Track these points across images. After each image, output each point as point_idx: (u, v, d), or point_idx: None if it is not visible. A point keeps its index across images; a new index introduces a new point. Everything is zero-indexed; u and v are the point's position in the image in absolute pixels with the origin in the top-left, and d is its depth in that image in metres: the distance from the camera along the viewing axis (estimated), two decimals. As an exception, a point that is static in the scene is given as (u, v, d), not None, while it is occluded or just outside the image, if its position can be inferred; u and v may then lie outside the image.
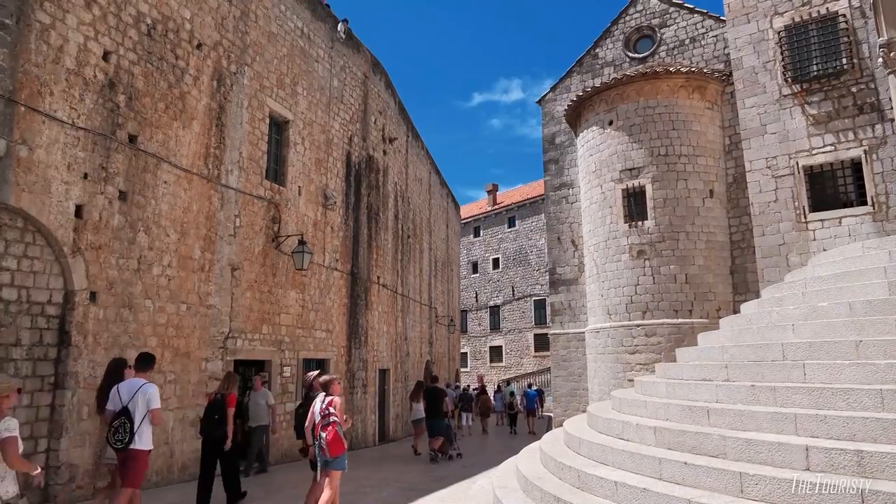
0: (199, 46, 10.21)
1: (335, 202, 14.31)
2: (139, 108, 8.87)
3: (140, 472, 5.93)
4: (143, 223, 8.84)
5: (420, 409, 13.35)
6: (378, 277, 17.05)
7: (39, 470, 4.79)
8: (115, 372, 6.70)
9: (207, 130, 10.32)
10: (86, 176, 7.91)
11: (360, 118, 16.22)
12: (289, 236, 12.15)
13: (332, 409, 6.09)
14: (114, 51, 8.45)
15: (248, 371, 11.65)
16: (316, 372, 8.06)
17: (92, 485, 7.66)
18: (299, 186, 13.00)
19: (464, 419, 20.24)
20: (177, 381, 9.30)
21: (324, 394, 6.35)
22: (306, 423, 6.42)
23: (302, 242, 11.72)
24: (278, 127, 12.65)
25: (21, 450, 4.59)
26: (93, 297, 7.94)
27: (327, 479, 6.12)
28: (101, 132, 8.15)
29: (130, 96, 8.71)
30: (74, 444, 7.52)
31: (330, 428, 6.01)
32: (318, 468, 6.27)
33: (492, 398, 23.59)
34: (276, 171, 12.46)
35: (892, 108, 10.93)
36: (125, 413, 5.79)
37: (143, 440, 5.82)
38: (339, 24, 15.22)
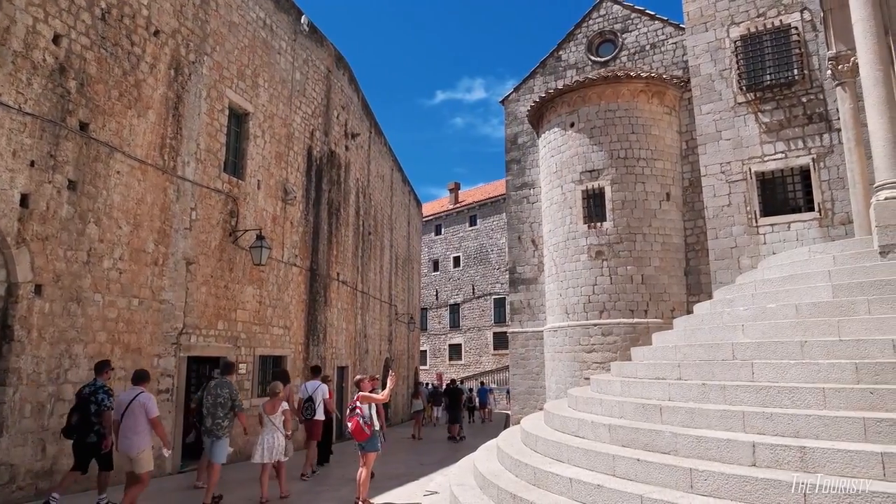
0: (156, 33, 9.90)
1: (295, 197, 14.09)
2: (91, 95, 8.55)
3: (318, 433, 10.07)
4: (93, 214, 8.53)
5: (418, 403, 18.84)
6: (338, 274, 16.87)
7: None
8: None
9: (164, 120, 10.03)
10: (33, 164, 7.58)
11: (322, 112, 16.01)
12: (247, 231, 11.91)
13: (357, 404, 7.46)
14: (65, 34, 8.12)
15: (203, 368, 11.38)
16: (360, 375, 9.95)
17: (34, 485, 7.37)
18: (258, 180, 12.76)
19: (435, 412, 23.67)
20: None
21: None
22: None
23: (260, 237, 11.49)
24: (238, 119, 12.38)
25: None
26: (38, 290, 7.62)
27: (363, 460, 7.47)
28: (50, 119, 7.83)
29: (82, 82, 8.39)
30: (16, 444, 7.22)
31: (353, 419, 7.35)
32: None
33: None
34: (234, 163, 12.19)
35: (839, 119, 11.38)
36: (310, 400, 10.01)
37: (319, 414, 10.03)
38: (303, 17, 15.00)
